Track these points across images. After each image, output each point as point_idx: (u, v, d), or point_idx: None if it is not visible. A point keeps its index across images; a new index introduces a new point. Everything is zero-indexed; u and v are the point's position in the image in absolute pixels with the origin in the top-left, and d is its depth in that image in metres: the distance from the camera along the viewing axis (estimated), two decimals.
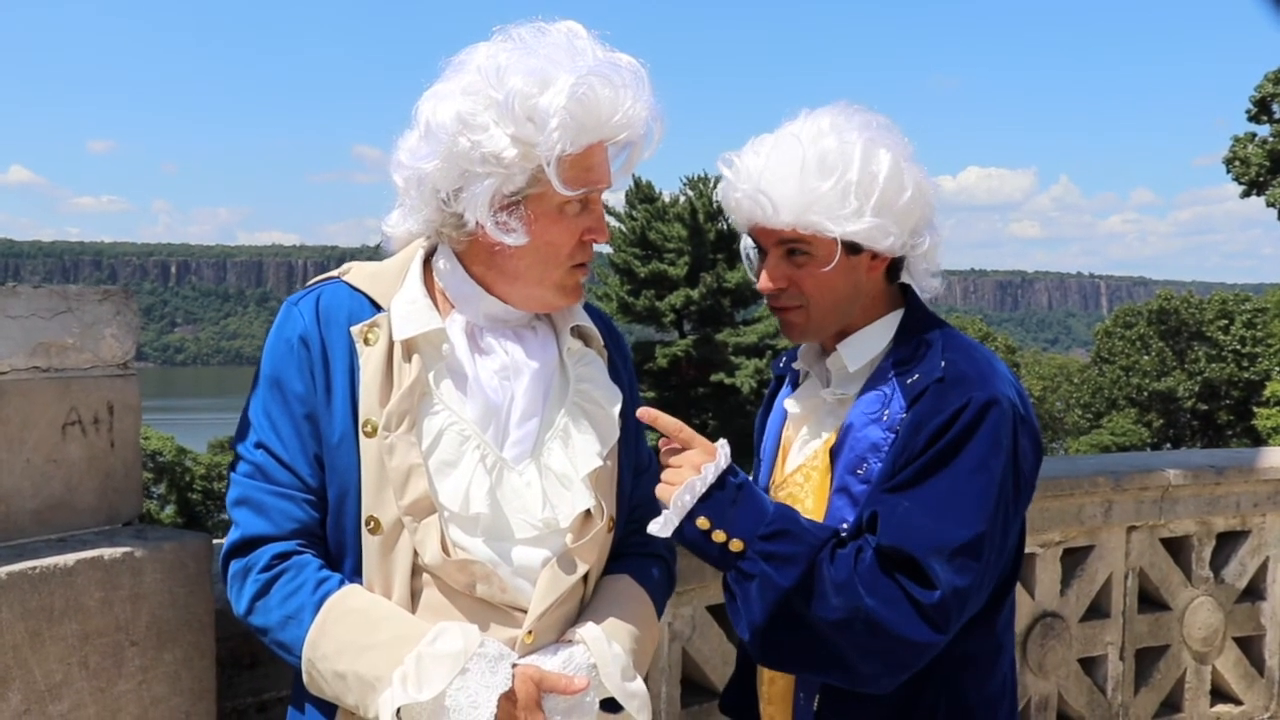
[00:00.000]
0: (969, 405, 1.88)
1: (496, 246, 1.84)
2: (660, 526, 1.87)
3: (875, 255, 2.03)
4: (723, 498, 1.87)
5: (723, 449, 1.91)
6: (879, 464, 1.94)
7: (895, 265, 2.09)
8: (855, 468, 1.98)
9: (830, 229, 1.95)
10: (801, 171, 1.95)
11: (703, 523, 1.86)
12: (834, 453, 2.03)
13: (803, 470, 2.12)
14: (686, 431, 1.92)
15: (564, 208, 1.84)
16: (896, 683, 1.89)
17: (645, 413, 1.93)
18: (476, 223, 1.81)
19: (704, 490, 1.86)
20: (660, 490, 1.90)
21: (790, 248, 2.02)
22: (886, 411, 1.97)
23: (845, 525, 1.96)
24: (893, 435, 1.94)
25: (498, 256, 1.87)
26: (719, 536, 1.86)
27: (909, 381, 1.97)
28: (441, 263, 1.93)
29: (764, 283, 2.08)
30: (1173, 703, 4.32)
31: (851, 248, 2.00)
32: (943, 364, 1.96)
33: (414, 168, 1.83)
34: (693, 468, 1.87)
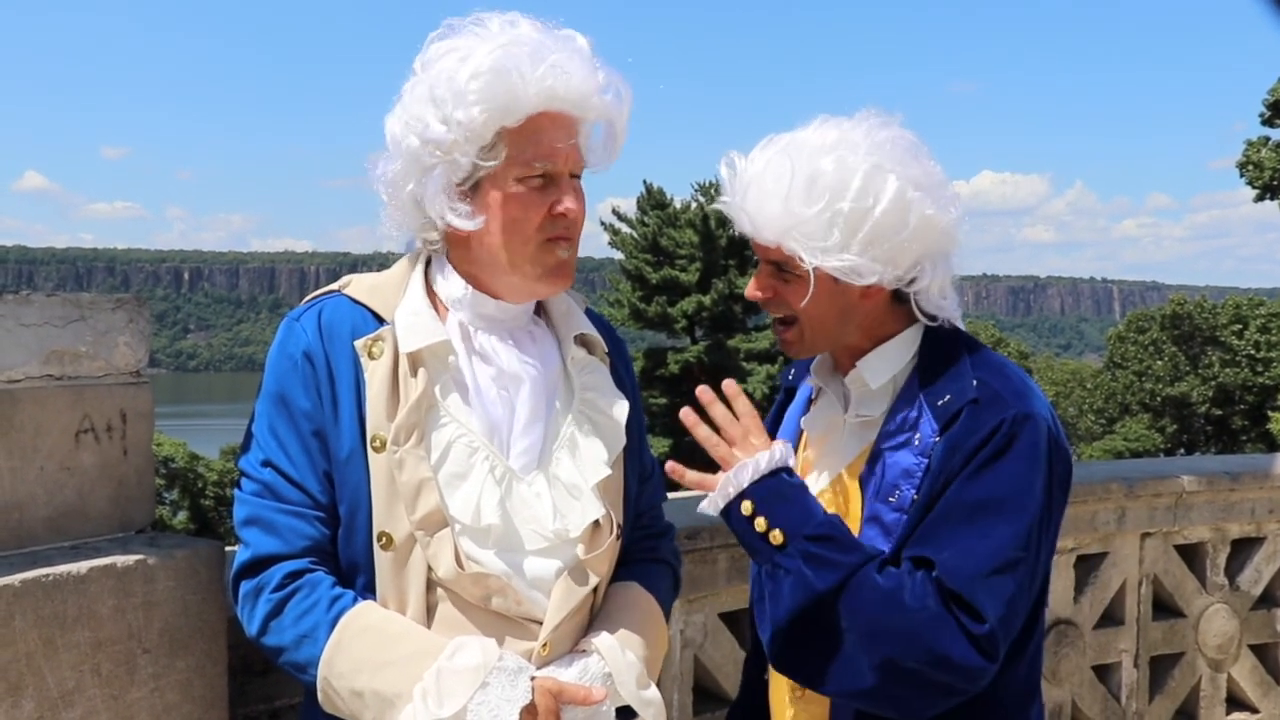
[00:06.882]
0: (1005, 422, 1.81)
1: (466, 237, 1.83)
2: (708, 504, 1.91)
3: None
4: (774, 487, 1.86)
5: (783, 448, 1.91)
6: (912, 491, 1.86)
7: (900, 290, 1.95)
8: (887, 495, 1.89)
9: (806, 259, 1.86)
10: (788, 192, 1.84)
11: (747, 507, 1.86)
12: (862, 480, 1.94)
13: (823, 496, 2.02)
14: (749, 418, 1.92)
15: (524, 182, 1.80)
16: (931, 711, 1.81)
17: (673, 468, 1.93)
18: (442, 218, 1.81)
19: (756, 477, 1.86)
20: (722, 452, 1.92)
21: (778, 264, 1.94)
22: (917, 435, 1.87)
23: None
24: (925, 460, 1.85)
25: (473, 247, 1.85)
26: (760, 524, 1.85)
27: (939, 403, 1.87)
28: (437, 270, 1.92)
29: (750, 290, 2.03)
30: (1188, 710, 4.28)
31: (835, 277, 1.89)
32: (975, 383, 1.86)
33: (385, 176, 1.85)
34: (750, 450, 1.89)
